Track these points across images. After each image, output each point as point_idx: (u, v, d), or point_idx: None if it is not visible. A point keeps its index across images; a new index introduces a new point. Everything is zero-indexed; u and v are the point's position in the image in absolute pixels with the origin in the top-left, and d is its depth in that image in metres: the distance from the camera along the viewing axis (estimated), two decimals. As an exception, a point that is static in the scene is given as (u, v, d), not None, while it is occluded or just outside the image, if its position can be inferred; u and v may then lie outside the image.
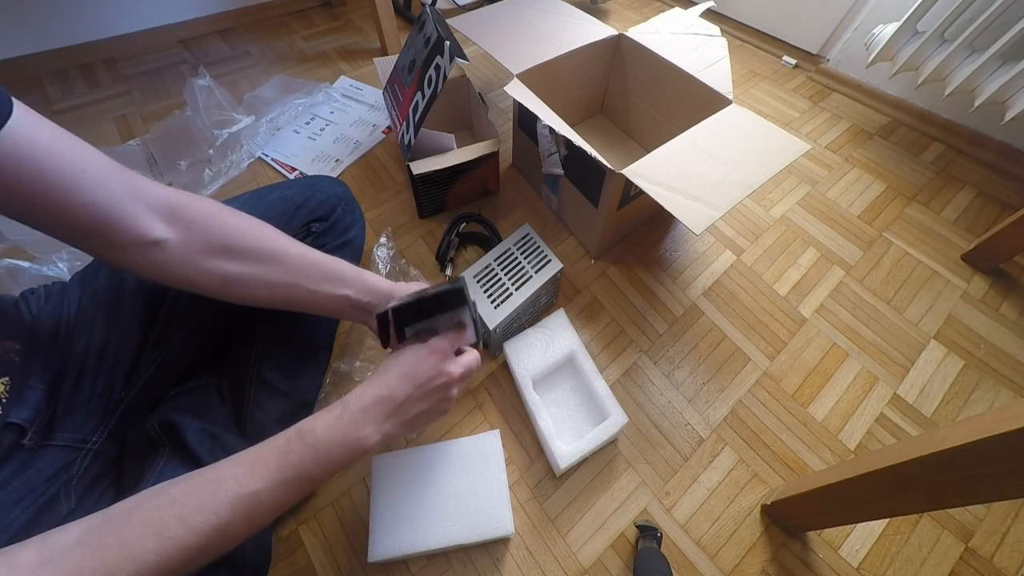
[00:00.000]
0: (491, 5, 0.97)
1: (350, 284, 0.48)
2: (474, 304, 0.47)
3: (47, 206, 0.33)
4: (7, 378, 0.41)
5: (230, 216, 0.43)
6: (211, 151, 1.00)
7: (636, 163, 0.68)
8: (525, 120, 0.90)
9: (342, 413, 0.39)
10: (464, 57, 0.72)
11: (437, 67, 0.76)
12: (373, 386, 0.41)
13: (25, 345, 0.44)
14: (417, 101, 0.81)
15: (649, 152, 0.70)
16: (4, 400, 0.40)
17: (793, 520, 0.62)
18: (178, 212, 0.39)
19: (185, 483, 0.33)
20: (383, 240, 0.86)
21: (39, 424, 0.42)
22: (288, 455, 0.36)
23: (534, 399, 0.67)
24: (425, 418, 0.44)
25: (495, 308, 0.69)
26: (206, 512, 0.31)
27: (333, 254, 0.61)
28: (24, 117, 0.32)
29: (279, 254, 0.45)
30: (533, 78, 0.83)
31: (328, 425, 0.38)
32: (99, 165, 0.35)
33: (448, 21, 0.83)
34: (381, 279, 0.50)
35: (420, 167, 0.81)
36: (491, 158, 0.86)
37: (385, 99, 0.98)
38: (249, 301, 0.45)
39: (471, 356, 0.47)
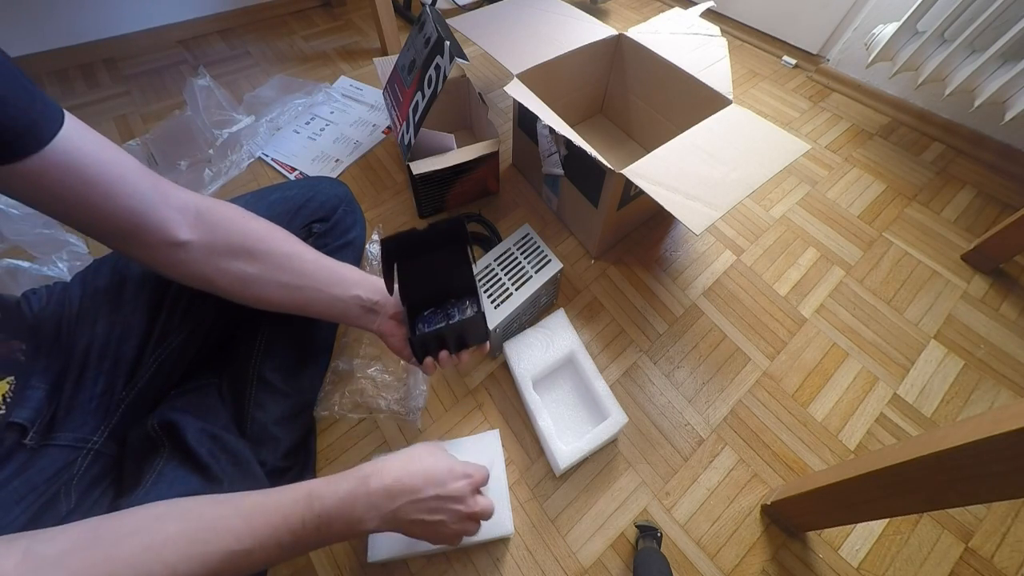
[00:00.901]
0: (491, 5, 0.97)
1: (359, 284, 0.50)
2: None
3: (90, 210, 0.35)
4: (12, 377, 0.41)
5: (250, 220, 0.45)
6: (211, 151, 1.00)
7: (636, 163, 0.68)
8: (525, 120, 0.90)
9: (357, 488, 0.38)
10: (464, 57, 0.72)
11: (437, 67, 0.76)
12: (398, 467, 0.41)
13: (30, 345, 0.44)
14: (417, 101, 0.81)
15: (649, 152, 0.70)
16: (8, 400, 0.40)
17: (793, 520, 0.62)
18: (204, 216, 0.41)
19: (183, 522, 0.32)
20: (376, 237, 0.86)
21: (41, 424, 0.43)
22: (290, 518, 0.35)
23: (534, 399, 0.67)
24: (423, 531, 0.42)
25: (495, 308, 0.69)
26: (195, 563, 0.31)
27: (334, 255, 0.61)
28: (74, 127, 0.34)
29: (294, 258, 0.47)
30: (533, 78, 0.83)
31: (340, 499, 0.37)
32: (137, 172, 0.37)
33: (448, 21, 0.83)
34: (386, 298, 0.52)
35: (420, 167, 0.81)
36: (491, 158, 0.86)
37: (385, 99, 0.98)
38: (263, 303, 0.47)
39: (488, 503, 0.46)
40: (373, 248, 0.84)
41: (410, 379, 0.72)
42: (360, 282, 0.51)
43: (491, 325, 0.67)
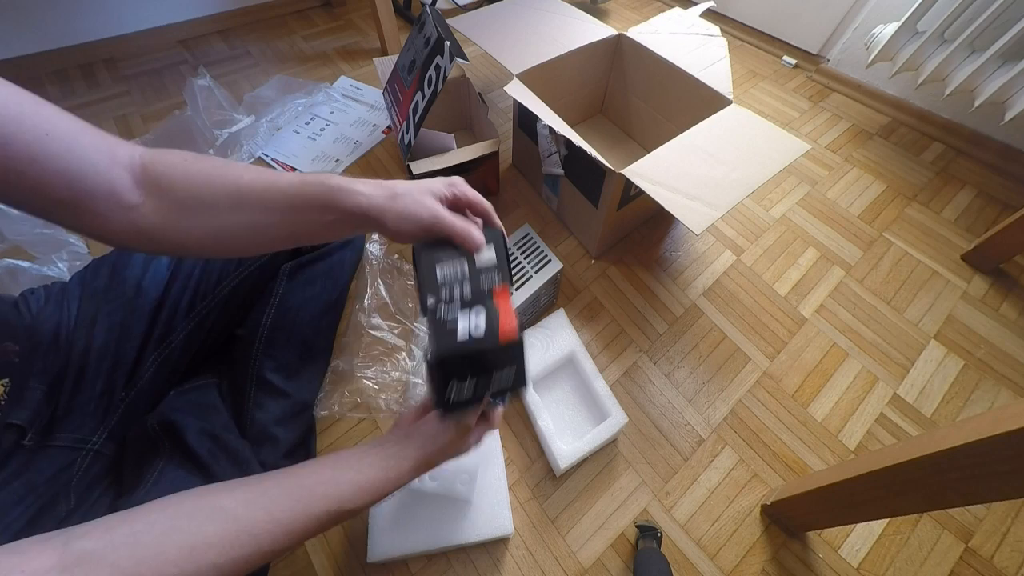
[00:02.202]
0: (491, 5, 0.97)
1: (330, 209, 0.38)
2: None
3: (13, 178, 0.29)
4: (7, 379, 0.41)
5: (193, 163, 0.37)
6: (211, 151, 1.00)
7: (636, 163, 0.68)
8: (525, 120, 0.90)
9: (385, 482, 0.37)
10: (464, 57, 0.72)
11: (437, 67, 0.76)
12: (413, 455, 0.39)
13: (25, 346, 0.44)
14: (417, 101, 0.81)
15: (649, 152, 0.70)
16: (4, 401, 0.40)
17: (793, 520, 0.62)
18: (149, 172, 0.35)
19: (219, 524, 0.30)
20: (376, 237, 0.86)
21: (39, 425, 0.43)
22: (322, 519, 0.34)
23: (534, 399, 0.67)
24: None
25: (495, 308, 0.69)
26: (239, 563, 0.30)
27: (333, 254, 0.61)
28: None
29: (245, 193, 0.38)
30: (533, 78, 0.83)
31: (366, 497, 0.36)
32: (67, 128, 0.31)
33: (448, 21, 0.83)
34: (361, 192, 0.37)
35: (420, 167, 0.81)
36: (491, 158, 0.86)
37: (385, 99, 0.98)
38: (250, 250, 0.41)
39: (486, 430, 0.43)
40: (373, 248, 0.84)
41: (410, 378, 0.72)
42: (328, 205, 0.37)
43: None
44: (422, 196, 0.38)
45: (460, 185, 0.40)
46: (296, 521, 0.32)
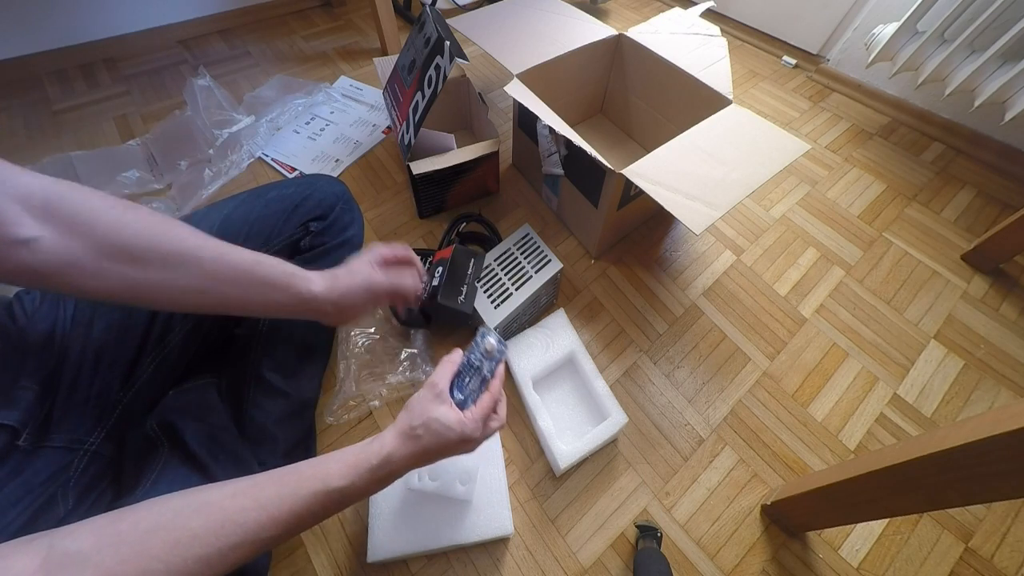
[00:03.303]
0: (491, 5, 0.97)
1: (280, 291, 0.42)
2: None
3: None
4: None
5: (123, 212, 0.36)
6: (211, 151, 1.00)
7: (636, 163, 0.68)
8: (525, 120, 0.90)
9: (375, 474, 0.37)
10: (464, 57, 0.72)
11: (437, 67, 0.76)
12: (406, 429, 0.39)
13: (10, 346, 0.43)
14: (417, 101, 0.81)
15: (649, 152, 0.70)
16: None
17: (793, 520, 0.62)
18: (55, 206, 0.32)
19: (204, 518, 0.30)
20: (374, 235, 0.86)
21: (34, 425, 0.42)
22: (313, 506, 0.34)
23: (534, 399, 0.67)
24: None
25: (495, 308, 0.69)
26: (226, 554, 0.30)
27: (332, 253, 0.60)
28: None
29: (188, 257, 0.38)
30: (533, 78, 0.83)
31: (357, 489, 0.36)
32: None
33: (448, 21, 0.83)
34: (314, 281, 0.43)
35: (420, 167, 0.81)
36: (491, 158, 0.86)
37: (385, 99, 0.98)
38: (174, 308, 0.41)
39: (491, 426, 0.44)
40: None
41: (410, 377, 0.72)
42: (280, 286, 0.42)
43: (491, 325, 0.68)
44: (359, 267, 0.49)
45: (379, 249, 0.52)
46: (283, 504, 0.32)
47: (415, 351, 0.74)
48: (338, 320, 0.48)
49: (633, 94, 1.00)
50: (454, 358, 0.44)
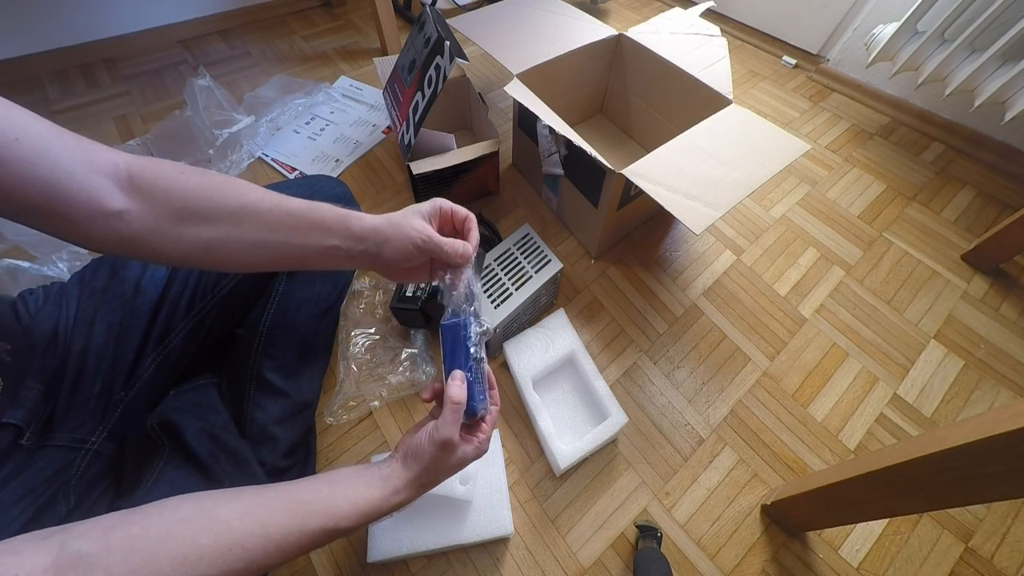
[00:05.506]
0: (491, 5, 0.97)
1: (335, 232, 0.41)
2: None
3: None
4: (0, 380, 0.41)
5: (191, 176, 0.38)
6: (211, 151, 1.00)
7: (636, 163, 0.68)
8: (525, 120, 0.90)
9: (383, 503, 0.38)
10: (464, 57, 0.72)
11: (437, 67, 0.76)
12: (413, 475, 0.40)
13: (18, 345, 0.43)
14: (417, 101, 0.81)
15: (649, 152, 0.70)
16: None
17: (793, 520, 0.62)
18: (137, 179, 0.35)
19: (213, 536, 0.30)
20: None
21: (37, 424, 0.42)
22: (316, 537, 0.35)
23: (534, 399, 0.67)
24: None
25: (495, 308, 0.69)
26: (229, 573, 0.31)
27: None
28: None
29: (249, 210, 0.39)
30: (533, 78, 0.83)
31: (363, 517, 0.37)
32: (40, 133, 0.31)
33: (448, 21, 0.83)
34: (367, 218, 0.43)
35: (420, 167, 0.81)
36: (491, 158, 0.86)
37: (385, 99, 0.98)
38: (236, 267, 0.42)
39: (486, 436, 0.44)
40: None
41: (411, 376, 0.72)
42: (336, 229, 0.41)
43: (491, 325, 0.67)
44: (412, 218, 0.42)
45: (442, 202, 0.45)
46: (290, 537, 0.33)
47: (415, 351, 0.74)
48: (392, 263, 0.44)
49: (633, 94, 1.00)
50: (456, 397, 0.40)
